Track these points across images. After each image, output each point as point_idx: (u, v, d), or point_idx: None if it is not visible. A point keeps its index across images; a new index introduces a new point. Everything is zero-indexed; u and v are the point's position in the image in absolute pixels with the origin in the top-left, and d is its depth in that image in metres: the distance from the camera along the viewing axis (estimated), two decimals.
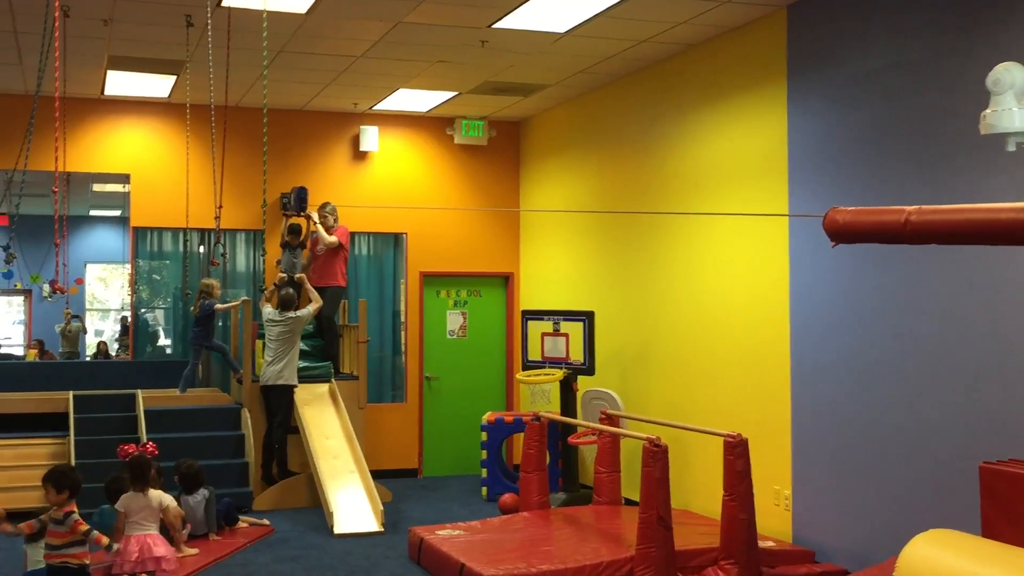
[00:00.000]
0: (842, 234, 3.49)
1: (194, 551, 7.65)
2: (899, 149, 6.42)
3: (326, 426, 9.75)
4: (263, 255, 9.88)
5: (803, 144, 7.30)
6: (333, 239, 10.36)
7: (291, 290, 9.73)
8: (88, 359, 15.86)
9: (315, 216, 10.47)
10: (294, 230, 10.52)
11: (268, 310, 9.66)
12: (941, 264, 6.03)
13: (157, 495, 7.37)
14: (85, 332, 17.48)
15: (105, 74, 9.58)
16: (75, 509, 6.32)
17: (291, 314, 9.54)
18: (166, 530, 7.46)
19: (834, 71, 7.01)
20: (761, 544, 6.79)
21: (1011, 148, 2.20)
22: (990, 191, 5.66)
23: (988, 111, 2.19)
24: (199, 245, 11.10)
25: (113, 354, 16.36)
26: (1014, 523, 5.02)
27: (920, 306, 6.26)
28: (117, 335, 18.01)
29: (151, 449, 8.02)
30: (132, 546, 7.01)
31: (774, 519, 7.41)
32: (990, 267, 5.73)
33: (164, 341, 11.84)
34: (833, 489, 6.98)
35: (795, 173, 7.36)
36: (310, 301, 9.74)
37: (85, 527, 6.29)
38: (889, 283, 6.49)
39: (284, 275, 9.97)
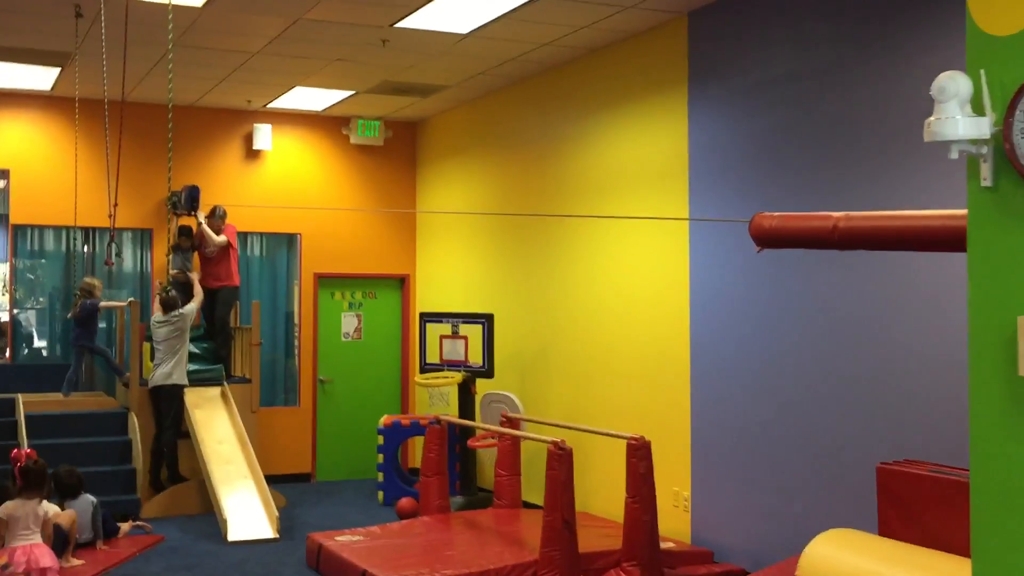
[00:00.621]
0: (768, 239, 3.51)
1: (80, 562, 7.35)
2: (798, 157, 6.56)
3: (218, 430, 9.51)
4: (167, 255, 9.59)
5: (703, 150, 7.40)
6: (222, 238, 10.12)
7: (174, 292, 9.47)
8: None
9: (200, 217, 10.20)
10: (185, 232, 10.22)
11: (156, 316, 9.41)
12: (839, 269, 6.17)
13: (44, 505, 7.08)
14: None
15: None
16: None
17: (176, 312, 9.29)
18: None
19: (735, 79, 7.13)
20: (662, 545, 6.86)
21: (954, 156, 2.23)
22: (891, 198, 5.82)
23: (932, 119, 2.23)
24: (83, 244, 10.70)
25: None
26: (909, 522, 5.17)
27: (818, 309, 6.40)
28: None
29: (31, 455, 7.68)
30: (19, 556, 6.70)
31: (673, 520, 7.49)
32: (887, 272, 5.89)
33: (40, 343, 11.38)
34: (731, 490, 7.09)
35: (695, 178, 7.46)
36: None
37: None
38: (788, 286, 6.62)
39: (174, 272, 9.76)
